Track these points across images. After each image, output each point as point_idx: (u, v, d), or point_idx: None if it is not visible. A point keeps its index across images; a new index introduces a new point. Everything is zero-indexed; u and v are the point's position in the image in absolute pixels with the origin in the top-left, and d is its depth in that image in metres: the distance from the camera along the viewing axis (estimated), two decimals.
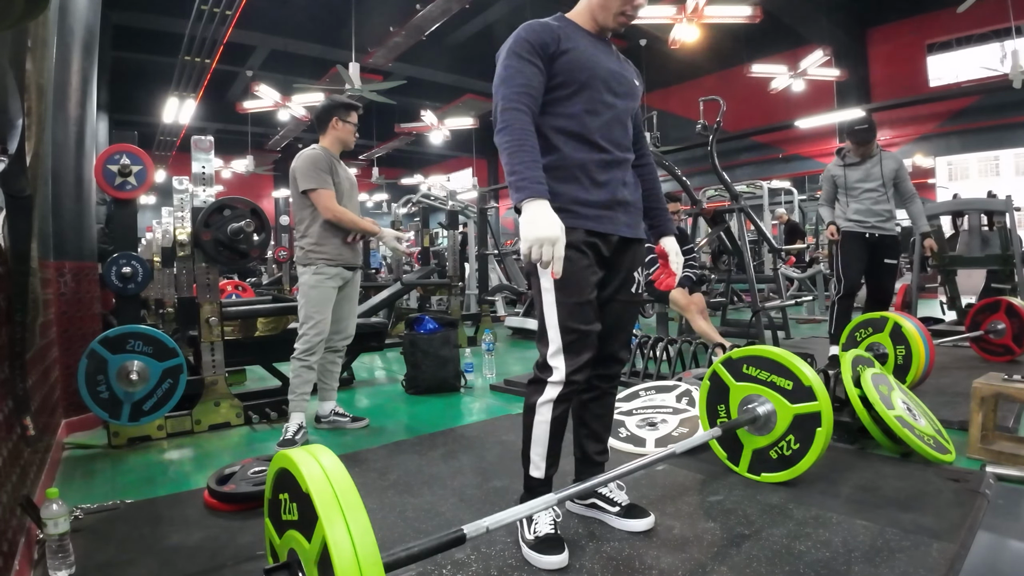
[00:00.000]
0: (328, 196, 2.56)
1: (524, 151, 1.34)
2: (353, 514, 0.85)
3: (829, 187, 3.75)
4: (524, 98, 1.39)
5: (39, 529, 1.46)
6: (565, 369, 1.44)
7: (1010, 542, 1.54)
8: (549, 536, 1.44)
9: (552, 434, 1.49)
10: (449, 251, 5.97)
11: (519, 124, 1.37)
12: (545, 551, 1.41)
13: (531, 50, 1.42)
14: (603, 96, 1.50)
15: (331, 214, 2.56)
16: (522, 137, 1.36)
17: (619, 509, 1.61)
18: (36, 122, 1.41)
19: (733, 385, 1.95)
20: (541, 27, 1.47)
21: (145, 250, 6.48)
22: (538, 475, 1.51)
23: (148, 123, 12.23)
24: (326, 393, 2.84)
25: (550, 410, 1.47)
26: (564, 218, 1.36)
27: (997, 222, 4.81)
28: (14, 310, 1.46)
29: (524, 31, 1.46)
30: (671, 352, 3.35)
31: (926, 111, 9.94)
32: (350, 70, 8.17)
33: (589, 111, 1.48)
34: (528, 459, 1.53)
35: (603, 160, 1.50)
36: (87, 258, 2.95)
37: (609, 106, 1.52)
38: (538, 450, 1.51)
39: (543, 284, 1.45)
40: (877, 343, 3.03)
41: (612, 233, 1.51)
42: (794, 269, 7.50)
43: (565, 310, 1.44)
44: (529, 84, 1.40)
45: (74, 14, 2.87)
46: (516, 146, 1.35)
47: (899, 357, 2.91)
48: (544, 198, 1.31)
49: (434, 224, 9.58)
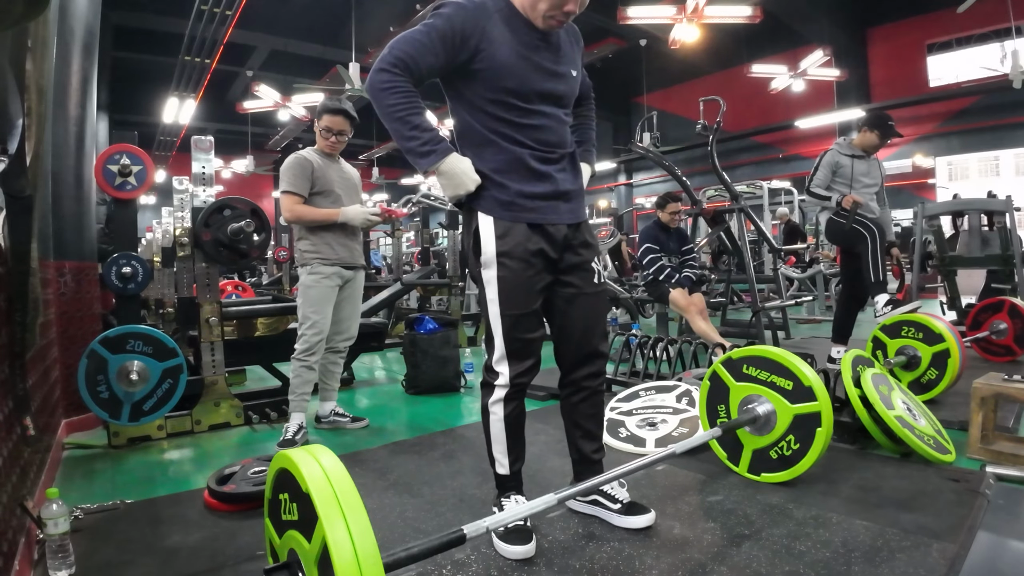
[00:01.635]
0: (291, 200, 2.56)
1: (406, 118, 1.37)
2: (353, 514, 0.85)
3: (827, 173, 3.49)
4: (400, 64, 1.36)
5: (39, 529, 1.46)
6: (509, 374, 1.51)
7: (1010, 542, 1.53)
8: (518, 527, 1.47)
9: (508, 431, 1.55)
10: (449, 251, 5.97)
11: (404, 87, 1.36)
12: (512, 541, 1.45)
13: (446, 34, 1.37)
14: (533, 105, 1.47)
15: (290, 215, 2.57)
16: (399, 100, 1.36)
17: (620, 506, 1.62)
18: (36, 122, 1.41)
19: (733, 385, 1.95)
20: (472, 10, 1.40)
21: (145, 250, 6.48)
22: (503, 472, 1.58)
23: (148, 123, 12.23)
24: (327, 393, 2.84)
25: (501, 408, 1.54)
26: (506, 213, 1.44)
27: (997, 222, 4.81)
28: (14, 310, 1.46)
29: (446, 12, 1.39)
30: (671, 352, 3.35)
31: (926, 111, 9.94)
32: (350, 70, 8.17)
33: (519, 123, 1.46)
34: (493, 458, 1.60)
35: (540, 156, 1.50)
36: (87, 258, 2.95)
37: (543, 114, 1.49)
38: (499, 448, 1.57)
39: (488, 295, 1.49)
40: (907, 346, 2.86)
41: (556, 222, 1.52)
42: (794, 269, 7.50)
43: (509, 321, 1.48)
44: (412, 57, 1.37)
45: (74, 14, 2.86)
46: (399, 108, 1.36)
47: (931, 360, 2.76)
48: (448, 152, 1.39)
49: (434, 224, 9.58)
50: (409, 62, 1.37)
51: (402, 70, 1.36)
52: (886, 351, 2.94)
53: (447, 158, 1.40)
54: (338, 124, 2.64)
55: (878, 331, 3.00)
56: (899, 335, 2.91)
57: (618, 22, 7.72)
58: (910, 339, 2.87)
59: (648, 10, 7.41)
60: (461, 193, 1.42)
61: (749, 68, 9.39)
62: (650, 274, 4.13)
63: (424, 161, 1.38)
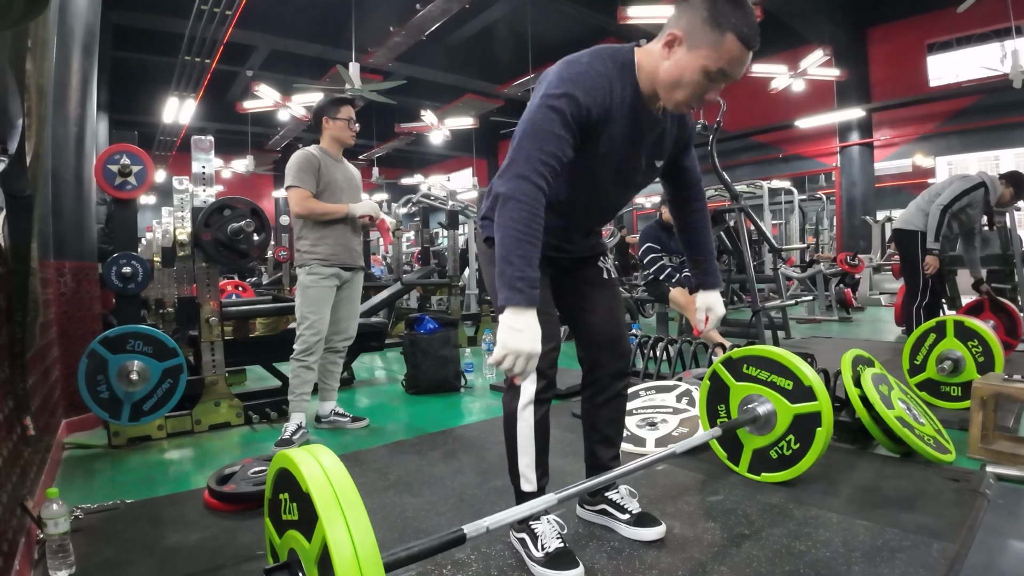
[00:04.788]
0: (300, 194, 2.56)
1: (529, 241, 1.16)
2: (353, 514, 0.85)
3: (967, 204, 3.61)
4: (546, 169, 1.18)
5: (39, 529, 1.46)
6: (538, 366, 1.40)
7: (1010, 542, 1.53)
8: (560, 551, 1.38)
9: (538, 439, 1.43)
10: (449, 251, 5.97)
11: (532, 203, 1.17)
12: (559, 567, 1.35)
13: (571, 117, 1.20)
14: (603, 186, 1.39)
15: (300, 209, 2.57)
16: (531, 222, 1.17)
17: (629, 517, 1.57)
18: (36, 122, 1.41)
19: (733, 385, 1.95)
20: (594, 82, 1.23)
21: (145, 250, 6.49)
22: (530, 488, 1.44)
23: (148, 123, 12.22)
24: (326, 393, 2.84)
25: (532, 413, 1.42)
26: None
27: (997, 222, 4.81)
28: (14, 310, 1.46)
29: (574, 84, 1.21)
30: (671, 352, 3.35)
31: (926, 111, 9.94)
32: (350, 70, 8.16)
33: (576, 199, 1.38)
34: (517, 473, 1.45)
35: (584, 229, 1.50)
36: (87, 258, 2.95)
37: (604, 195, 1.42)
38: (526, 460, 1.43)
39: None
40: (948, 350, 2.71)
41: (569, 256, 1.53)
42: (794, 269, 7.50)
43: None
44: (555, 156, 1.20)
45: (74, 14, 2.86)
46: (522, 231, 1.16)
47: (977, 355, 2.64)
48: (535, 306, 1.16)
49: (434, 224, 9.58)
50: (556, 165, 1.20)
51: (551, 176, 1.20)
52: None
53: (531, 309, 1.16)
54: (352, 112, 2.71)
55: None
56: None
57: (618, 22, 7.71)
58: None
59: (648, 10, 7.40)
60: (511, 347, 1.14)
61: (749, 68, 9.36)
62: (651, 273, 4.13)
63: (510, 295, 1.15)
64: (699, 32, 1.18)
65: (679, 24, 1.21)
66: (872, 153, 10.57)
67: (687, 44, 1.20)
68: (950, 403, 2.67)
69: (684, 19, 1.21)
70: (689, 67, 1.20)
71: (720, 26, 1.16)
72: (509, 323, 1.15)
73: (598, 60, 1.26)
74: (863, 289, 8.20)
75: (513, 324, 1.15)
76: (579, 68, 1.24)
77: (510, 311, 1.15)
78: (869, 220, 9.12)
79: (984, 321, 3.61)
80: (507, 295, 1.15)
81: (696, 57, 1.19)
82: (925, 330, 2.80)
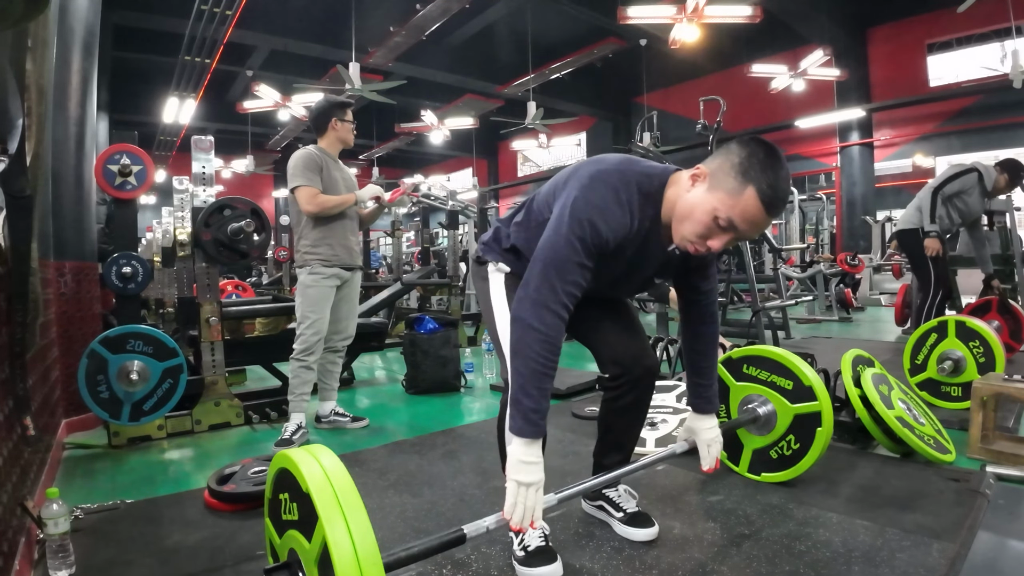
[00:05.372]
0: (310, 191, 2.56)
1: (546, 373, 1.19)
2: (353, 514, 0.85)
3: (960, 188, 3.64)
4: (569, 300, 1.21)
5: (39, 529, 1.46)
6: None
7: (1010, 542, 1.53)
8: (539, 548, 1.41)
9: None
10: (449, 251, 5.97)
11: (553, 336, 1.19)
12: (536, 564, 1.38)
13: (592, 246, 1.22)
14: (604, 290, 1.42)
15: (312, 206, 2.57)
16: (551, 354, 1.19)
17: (623, 515, 1.59)
18: (36, 122, 1.41)
19: (733, 385, 1.95)
20: (615, 215, 1.23)
21: (145, 250, 6.49)
22: None
23: (148, 123, 12.21)
24: (326, 393, 2.84)
25: None
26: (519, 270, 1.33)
27: (997, 222, 4.80)
28: (14, 310, 1.46)
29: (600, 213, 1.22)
30: (671, 352, 3.35)
31: (926, 111, 9.93)
32: (350, 70, 8.16)
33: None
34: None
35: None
36: (87, 258, 2.95)
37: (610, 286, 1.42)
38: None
39: (500, 334, 1.41)
40: (949, 350, 2.70)
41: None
42: (794, 269, 7.50)
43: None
44: (578, 284, 1.22)
45: (74, 14, 2.86)
46: (542, 364, 1.19)
47: (978, 356, 2.63)
48: (540, 438, 1.20)
49: (434, 224, 9.58)
50: (578, 292, 1.23)
51: (573, 304, 1.23)
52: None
53: (538, 441, 1.20)
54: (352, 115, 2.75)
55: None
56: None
57: (618, 22, 7.70)
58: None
59: (648, 10, 7.39)
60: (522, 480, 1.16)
61: (749, 68, 9.38)
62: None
63: (522, 425, 1.18)
64: (724, 176, 1.18)
65: (712, 163, 1.22)
66: (872, 153, 10.56)
67: (709, 183, 1.20)
68: (950, 403, 2.67)
69: (718, 160, 1.21)
70: (701, 205, 1.20)
71: (746, 176, 1.15)
72: (519, 456, 1.18)
73: (624, 189, 1.25)
74: (863, 289, 8.20)
75: (523, 457, 1.17)
76: (605, 194, 1.24)
77: (520, 443, 1.18)
78: (869, 220, 9.13)
79: (988, 322, 3.63)
80: (520, 426, 1.18)
81: (711, 198, 1.19)
82: (926, 330, 2.80)
